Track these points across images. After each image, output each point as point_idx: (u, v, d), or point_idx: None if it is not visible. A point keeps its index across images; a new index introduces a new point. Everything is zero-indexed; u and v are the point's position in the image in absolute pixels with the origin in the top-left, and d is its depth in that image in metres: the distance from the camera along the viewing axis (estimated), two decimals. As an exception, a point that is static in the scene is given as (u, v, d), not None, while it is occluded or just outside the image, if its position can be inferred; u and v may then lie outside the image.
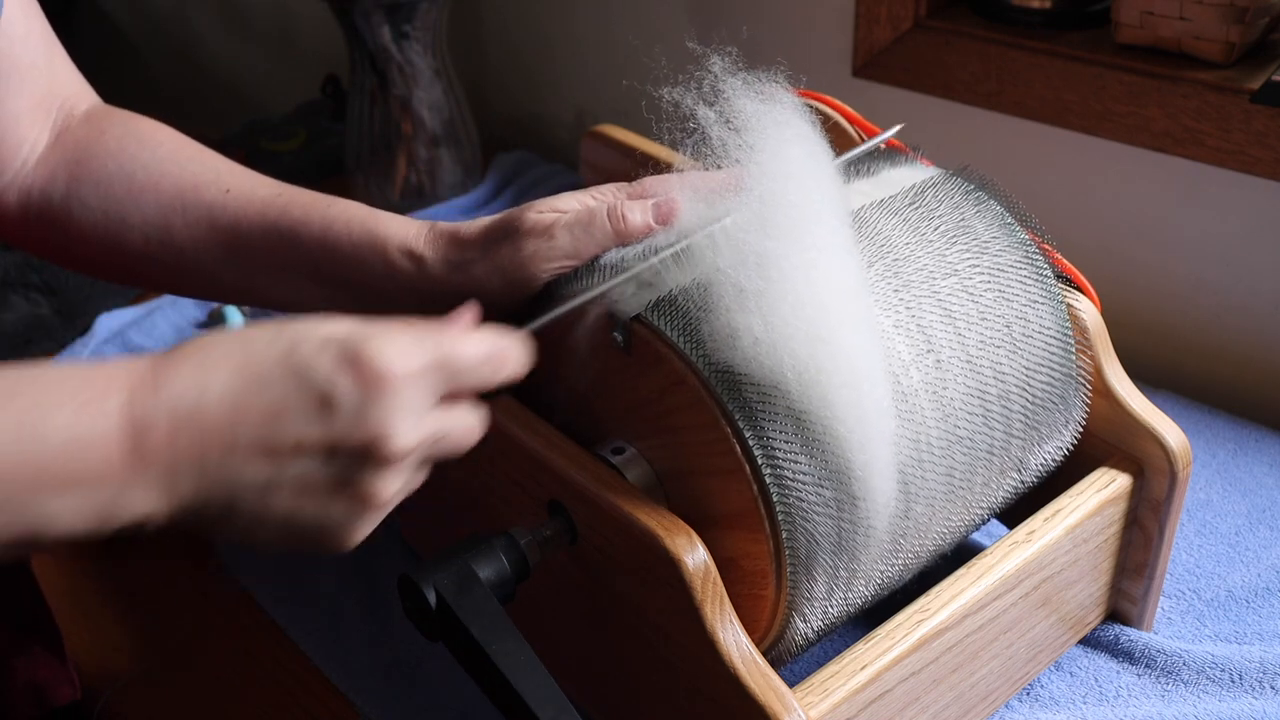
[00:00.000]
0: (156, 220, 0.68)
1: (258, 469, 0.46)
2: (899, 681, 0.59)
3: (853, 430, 0.54)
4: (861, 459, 0.54)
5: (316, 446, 0.47)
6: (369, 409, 0.46)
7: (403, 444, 0.47)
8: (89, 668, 0.76)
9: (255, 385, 0.46)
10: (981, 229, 0.64)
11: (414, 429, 0.48)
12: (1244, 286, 0.95)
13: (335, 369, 0.46)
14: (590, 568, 0.60)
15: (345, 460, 0.47)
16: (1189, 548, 0.80)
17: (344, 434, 0.47)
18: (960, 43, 1.02)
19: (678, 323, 0.55)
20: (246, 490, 0.47)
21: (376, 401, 0.46)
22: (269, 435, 0.46)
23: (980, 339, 0.61)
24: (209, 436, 0.46)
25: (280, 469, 0.47)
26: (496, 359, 0.51)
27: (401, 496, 0.51)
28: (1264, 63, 0.91)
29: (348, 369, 0.46)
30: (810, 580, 0.56)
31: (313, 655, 0.76)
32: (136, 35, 1.94)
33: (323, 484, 0.47)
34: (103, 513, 0.45)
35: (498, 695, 0.52)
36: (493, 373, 0.51)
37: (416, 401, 0.48)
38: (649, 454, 0.60)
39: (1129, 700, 0.70)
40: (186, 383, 0.46)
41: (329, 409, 0.46)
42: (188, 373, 0.46)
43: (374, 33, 1.19)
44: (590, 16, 1.34)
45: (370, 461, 0.47)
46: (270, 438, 0.46)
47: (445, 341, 0.49)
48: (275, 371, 0.47)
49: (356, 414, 0.46)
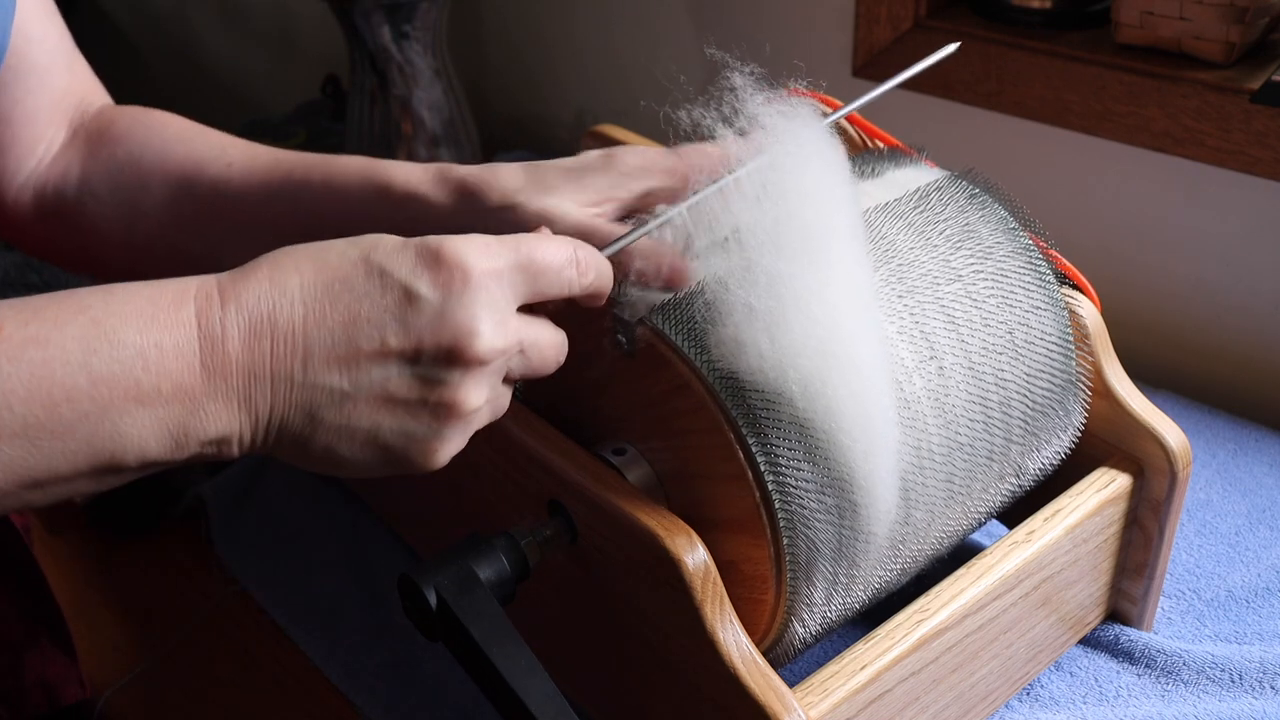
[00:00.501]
0: (166, 202, 0.68)
1: (337, 377, 0.45)
2: (899, 681, 0.59)
3: (857, 440, 0.54)
4: (865, 469, 0.54)
5: (398, 350, 0.45)
6: (452, 307, 0.45)
7: (487, 344, 0.46)
8: (89, 668, 0.76)
9: (332, 290, 0.45)
10: (986, 233, 0.64)
11: (498, 330, 0.46)
12: (1244, 286, 0.95)
13: (416, 267, 0.45)
14: (590, 568, 0.60)
15: (428, 364, 0.45)
16: (1189, 548, 0.80)
17: (426, 334, 0.45)
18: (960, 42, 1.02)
19: (683, 328, 0.55)
20: (327, 401, 0.45)
21: (459, 299, 0.45)
22: (348, 341, 0.45)
23: (983, 345, 0.61)
24: (285, 345, 0.44)
25: (360, 377, 0.45)
26: (580, 264, 0.50)
27: (488, 413, 0.49)
28: (1264, 63, 0.91)
29: (428, 267, 0.45)
30: (810, 586, 0.56)
31: (313, 655, 0.76)
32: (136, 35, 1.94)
33: (406, 392, 0.46)
34: (179, 431, 0.44)
35: (497, 697, 0.52)
36: (576, 277, 0.49)
37: (500, 300, 0.46)
38: (650, 455, 0.59)
39: (1129, 700, 0.70)
40: (260, 292, 0.45)
41: (410, 309, 0.45)
42: (261, 282, 0.45)
43: (374, 33, 1.19)
44: (590, 17, 1.34)
45: (454, 364, 0.46)
46: (349, 343, 0.45)
47: (526, 242, 0.48)
48: (353, 275, 0.45)
49: (439, 313, 0.45)
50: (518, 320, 0.48)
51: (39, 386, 0.42)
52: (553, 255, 0.49)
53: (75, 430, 0.42)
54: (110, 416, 0.42)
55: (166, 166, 0.68)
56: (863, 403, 0.54)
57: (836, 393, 0.53)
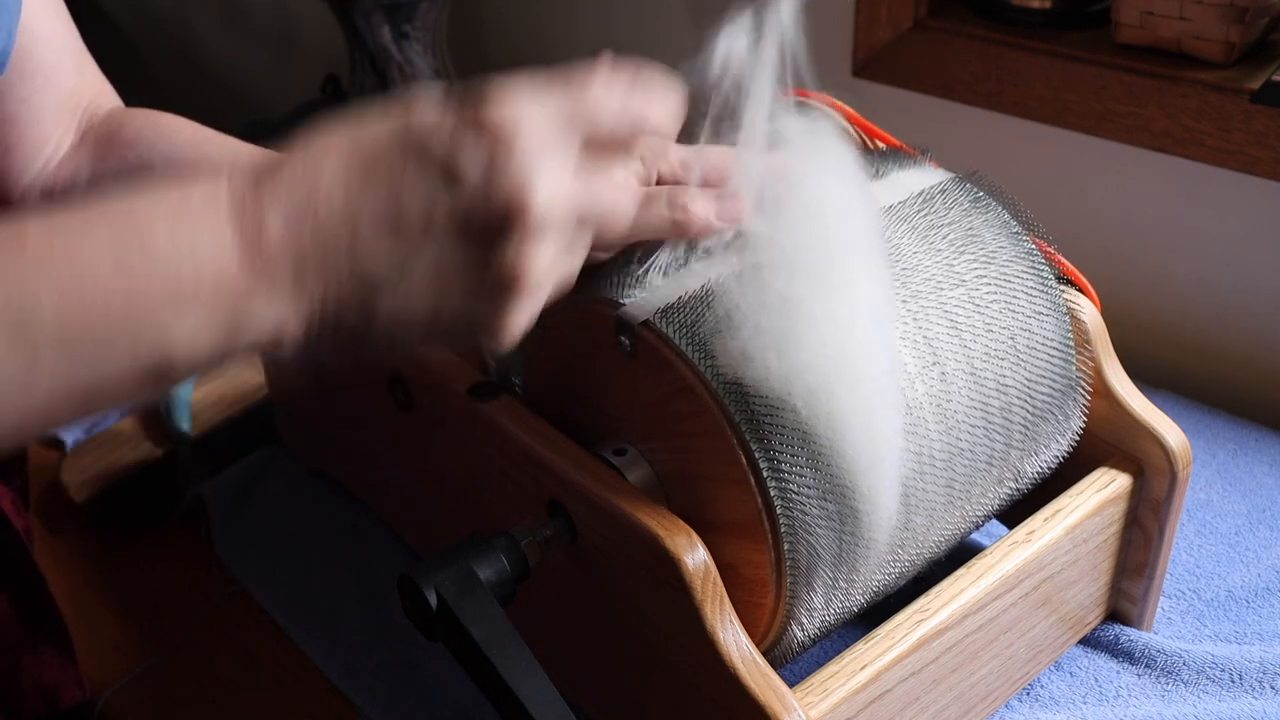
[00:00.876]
0: None
1: (389, 250, 0.42)
2: (899, 681, 0.59)
3: (861, 452, 0.53)
4: (868, 480, 0.54)
5: (448, 220, 0.42)
6: (500, 166, 0.41)
7: (544, 202, 0.42)
8: (88, 668, 0.75)
9: (371, 165, 0.42)
10: (989, 238, 0.64)
11: (556, 185, 0.42)
12: (1244, 286, 0.95)
13: (456, 130, 0.42)
14: (590, 568, 0.60)
15: (481, 232, 0.42)
16: (1189, 548, 0.80)
17: (476, 200, 0.42)
18: (960, 43, 1.02)
19: (686, 331, 0.55)
20: (381, 278, 0.42)
21: (508, 156, 0.41)
22: (394, 213, 0.42)
23: (985, 351, 0.61)
24: (330, 225, 0.42)
25: (413, 250, 0.42)
26: (642, 100, 0.45)
27: (558, 274, 0.45)
28: (1264, 63, 0.91)
29: (470, 126, 0.42)
30: (809, 591, 0.56)
31: (313, 655, 0.76)
32: (136, 35, 1.94)
33: (463, 265, 0.43)
34: (231, 328, 0.42)
35: (497, 698, 0.52)
36: (639, 114, 0.45)
37: (554, 152, 0.43)
38: (651, 456, 0.59)
39: (1129, 700, 0.70)
40: (296, 176, 0.42)
41: (455, 174, 0.42)
42: (295, 166, 0.43)
43: (374, 33, 1.19)
44: (590, 17, 1.34)
45: (510, 229, 0.42)
46: (396, 215, 0.42)
47: (576, 84, 0.44)
48: (392, 147, 0.42)
49: (486, 174, 0.42)
50: (579, 172, 0.44)
51: (72, 296, 0.40)
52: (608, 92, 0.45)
53: (116, 339, 0.41)
54: (151, 323, 0.41)
55: (178, 170, 0.68)
56: (869, 418, 0.53)
57: (842, 409, 0.52)
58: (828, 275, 0.52)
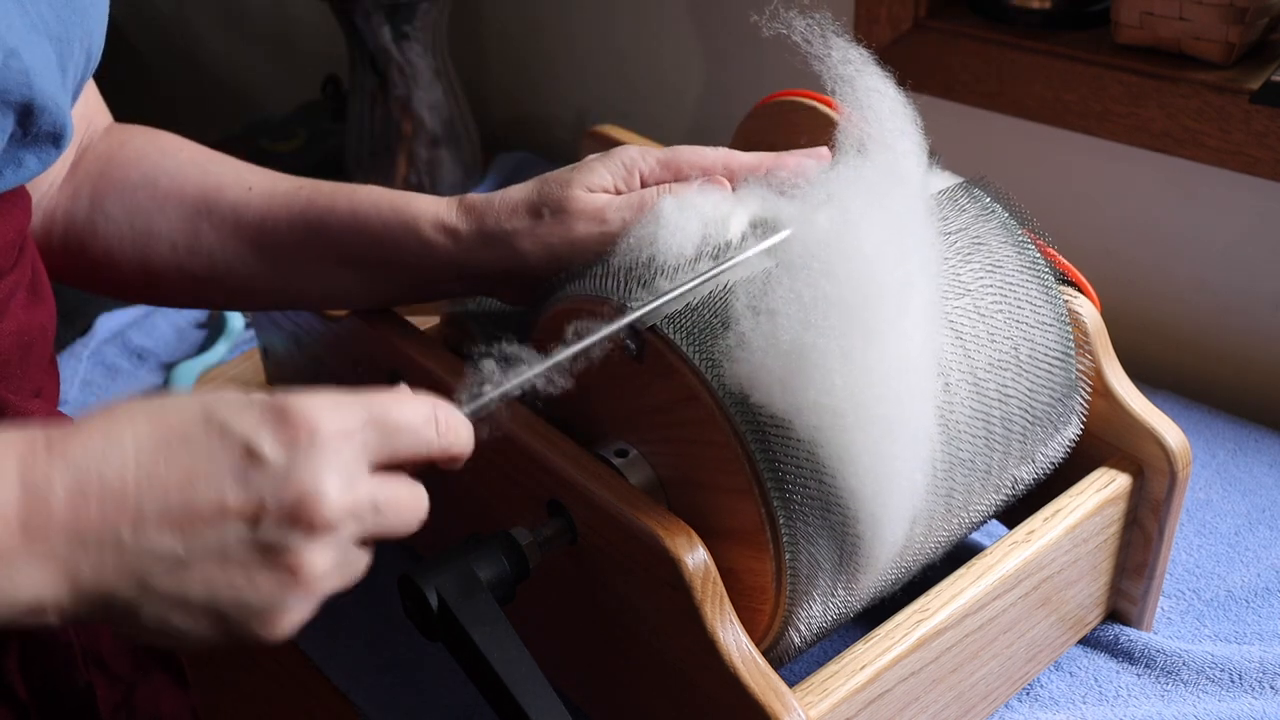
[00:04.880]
0: (183, 226, 0.68)
1: (170, 541, 0.41)
2: (899, 681, 0.59)
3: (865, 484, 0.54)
4: (873, 507, 0.54)
5: (237, 510, 0.42)
6: (297, 465, 0.42)
7: (334, 506, 0.42)
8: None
9: (169, 447, 0.42)
10: (995, 245, 0.64)
11: (346, 491, 0.43)
12: (1244, 286, 0.95)
13: (260, 423, 0.42)
14: (590, 568, 0.60)
15: (270, 526, 0.42)
16: (1189, 548, 0.80)
17: (269, 493, 0.42)
18: (960, 43, 1.02)
19: (694, 340, 0.54)
20: (158, 568, 0.41)
21: (305, 456, 0.42)
22: (185, 501, 0.41)
23: (988, 361, 0.61)
24: (115, 507, 0.41)
25: (196, 540, 0.42)
26: (440, 424, 0.47)
27: (338, 578, 0.45)
28: (1264, 63, 0.91)
29: (273, 423, 0.42)
30: (808, 599, 0.56)
31: (313, 655, 0.76)
32: (136, 35, 1.94)
33: (245, 556, 0.42)
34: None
35: (496, 701, 0.52)
36: (435, 438, 0.47)
37: (348, 459, 0.43)
38: (653, 459, 0.59)
39: (1129, 700, 0.70)
40: (90, 448, 0.41)
41: (253, 466, 0.42)
42: (92, 436, 0.42)
43: (374, 33, 1.19)
44: (590, 17, 1.34)
45: (299, 525, 0.42)
46: (186, 504, 0.41)
47: (379, 400, 0.45)
48: (192, 431, 0.42)
49: (283, 471, 0.42)
50: (369, 480, 0.44)
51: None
52: (410, 414, 0.46)
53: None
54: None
55: (184, 190, 0.68)
56: (875, 458, 0.53)
57: (849, 445, 0.53)
58: (846, 329, 0.52)
